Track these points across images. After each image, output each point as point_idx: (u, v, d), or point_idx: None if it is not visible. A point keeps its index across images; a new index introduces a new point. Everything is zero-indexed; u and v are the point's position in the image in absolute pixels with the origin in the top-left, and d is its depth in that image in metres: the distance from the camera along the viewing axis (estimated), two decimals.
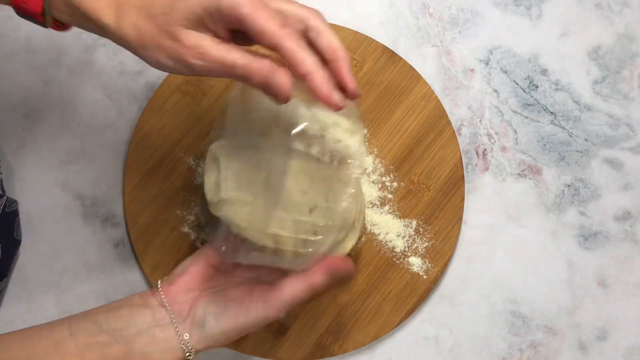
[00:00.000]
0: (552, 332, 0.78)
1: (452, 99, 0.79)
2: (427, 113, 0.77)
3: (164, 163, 0.77)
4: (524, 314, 0.78)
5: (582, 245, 0.78)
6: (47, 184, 0.78)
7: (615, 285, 0.78)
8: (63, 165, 0.78)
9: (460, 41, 0.79)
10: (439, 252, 0.77)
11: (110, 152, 0.78)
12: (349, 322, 0.76)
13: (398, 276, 0.77)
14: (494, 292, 0.78)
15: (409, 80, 0.77)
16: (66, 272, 0.77)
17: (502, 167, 0.79)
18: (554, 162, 0.79)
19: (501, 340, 0.78)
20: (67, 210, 0.78)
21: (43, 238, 0.78)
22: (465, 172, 0.78)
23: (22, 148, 0.78)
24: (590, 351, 0.78)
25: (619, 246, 0.78)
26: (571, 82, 0.79)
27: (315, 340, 0.76)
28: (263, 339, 0.76)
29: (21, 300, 0.77)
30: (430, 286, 0.77)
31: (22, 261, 0.78)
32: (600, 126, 0.79)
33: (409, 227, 0.77)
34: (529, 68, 0.79)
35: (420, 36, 0.79)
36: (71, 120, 0.78)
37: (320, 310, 0.76)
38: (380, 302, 0.76)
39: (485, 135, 0.79)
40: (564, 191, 0.79)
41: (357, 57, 0.77)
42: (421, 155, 0.77)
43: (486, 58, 0.79)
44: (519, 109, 0.79)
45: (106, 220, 0.78)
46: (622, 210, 0.79)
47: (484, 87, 0.79)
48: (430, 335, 0.78)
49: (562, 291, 0.78)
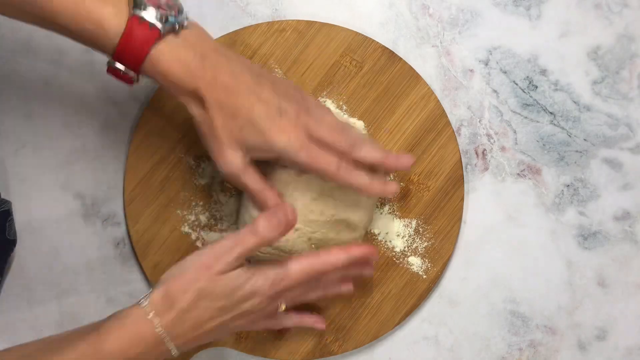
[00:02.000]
0: (552, 332, 0.78)
1: (452, 99, 0.79)
2: (426, 113, 0.77)
3: (164, 163, 0.77)
4: (523, 313, 0.78)
5: (581, 245, 0.78)
6: (48, 184, 0.78)
7: (614, 285, 0.78)
8: (64, 166, 0.78)
9: (459, 41, 0.79)
10: (439, 252, 0.77)
11: (111, 152, 0.78)
12: (349, 322, 0.77)
13: (398, 276, 0.77)
14: (493, 291, 0.78)
15: (409, 81, 0.77)
16: (67, 272, 0.77)
17: (501, 167, 0.79)
18: (553, 162, 0.79)
19: (501, 339, 0.78)
20: (67, 210, 0.78)
21: (44, 238, 0.78)
22: (465, 172, 0.78)
23: (23, 148, 0.78)
24: (589, 351, 0.78)
25: (619, 246, 0.78)
26: (570, 83, 0.79)
27: (315, 339, 0.76)
28: (263, 338, 0.76)
29: (22, 300, 0.77)
30: (429, 286, 0.77)
31: (23, 261, 0.78)
32: (600, 126, 0.79)
33: (408, 227, 0.77)
34: (529, 68, 0.79)
35: (420, 36, 0.79)
36: (72, 121, 0.79)
37: (320, 310, 0.76)
38: (380, 302, 0.76)
39: (484, 136, 0.79)
40: (563, 191, 0.79)
41: (357, 57, 0.77)
42: (421, 156, 0.77)
43: (486, 58, 0.79)
44: (518, 109, 0.79)
45: (107, 220, 0.78)
46: (621, 210, 0.79)
47: (484, 88, 0.79)
48: (430, 335, 0.78)
49: (561, 291, 0.78)
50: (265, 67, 0.77)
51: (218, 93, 0.64)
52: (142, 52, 0.62)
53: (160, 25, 0.62)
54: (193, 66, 0.63)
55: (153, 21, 0.62)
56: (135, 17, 0.61)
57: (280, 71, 0.77)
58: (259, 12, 0.79)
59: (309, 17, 0.78)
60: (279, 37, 0.77)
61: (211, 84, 0.63)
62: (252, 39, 0.77)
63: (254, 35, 0.77)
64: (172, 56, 0.63)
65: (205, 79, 0.63)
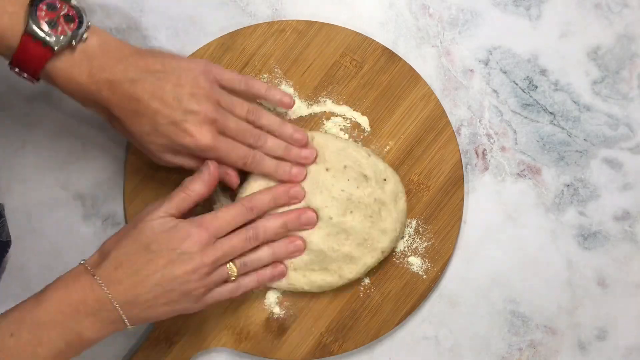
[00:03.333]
0: (552, 332, 0.78)
1: (452, 99, 0.79)
2: (426, 113, 0.77)
3: None
4: (523, 313, 0.78)
5: (581, 245, 0.78)
6: (48, 184, 0.78)
7: (614, 285, 0.78)
8: (64, 166, 0.78)
9: (459, 41, 0.79)
10: (439, 252, 0.77)
11: (111, 152, 0.78)
12: (349, 322, 0.77)
13: (398, 276, 0.77)
14: (493, 291, 0.78)
15: (409, 81, 0.77)
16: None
17: (501, 167, 0.79)
18: (553, 162, 0.79)
19: (501, 339, 0.78)
20: (67, 210, 0.78)
21: (44, 238, 0.78)
22: (465, 172, 0.78)
23: (23, 148, 0.78)
24: (589, 351, 0.78)
25: (618, 246, 0.78)
26: (570, 83, 0.79)
27: (315, 339, 0.76)
28: (263, 338, 0.76)
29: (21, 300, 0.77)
30: (429, 286, 0.77)
31: (23, 261, 0.78)
32: (600, 126, 0.79)
33: (408, 227, 0.77)
34: (529, 68, 0.79)
35: (420, 36, 0.79)
36: (72, 121, 0.79)
37: (320, 310, 0.76)
38: (380, 302, 0.76)
39: (484, 136, 0.79)
40: (563, 191, 0.79)
41: (357, 58, 0.77)
42: (421, 155, 0.77)
43: (486, 58, 0.79)
44: (518, 109, 0.79)
45: (107, 220, 0.78)
46: (621, 210, 0.79)
47: (484, 88, 0.79)
48: (430, 335, 0.78)
49: (561, 291, 0.78)
50: (265, 67, 0.77)
51: (121, 104, 0.65)
52: (37, 67, 0.63)
53: (54, 41, 0.62)
54: (87, 83, 0.64)
55: (47, 39, 0.61)
56: (29, 35, 0.61)
57: (280, 71, 0.77)
58: (259, 12, 0.79)
59: (309, 17, 0.78)
60: (279, 37, 0.77)
61: (110, 98, 0.65)
62: (252, 39, 0.77)
63: (254, 35, 0.77)
64: (65, 74, 0.63)
65: (102, 94, 0.64)
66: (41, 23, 0.61)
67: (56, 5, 0.62)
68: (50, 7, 0.62)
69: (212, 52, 0.77)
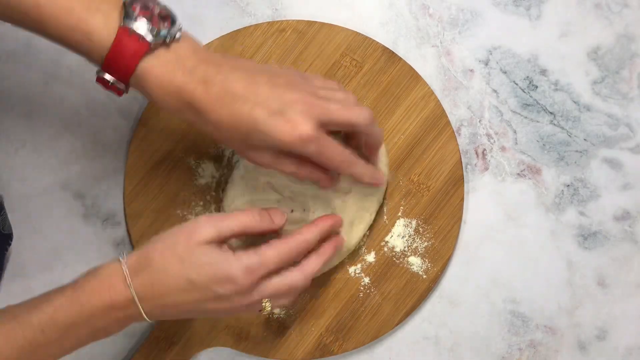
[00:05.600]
0: (552, 332, 0.78)
1: (452, 99, 0.79)
2: (426, 113, 0.77)
3: (164, 163, 0.77)
4: (523, 313, 0.78)
5: (581, 245, 0.78)
6: (48, 183, 0.78)
7: (614, 285, 0.78)
8: (64, 165, 0.79)
9: (459, 41, 0.79)
10: (439, 252, 0.77)
11: (111, 152, 0.78)
12: (349, 322, 0.77)
13: (398, 276, 0.77)
14: (493, 291, 0.78)
15: (409, 81, 0.77)
16: (67, 272, 0.77)
17: (501, 167, 0.79)
18: (553, 162, 0.79)
19: (501, 339, 0.78)
20: (67, 210, 0.78)
21: (44, 238, 0.78)
22: (465, 172, 0.78)
23: (23, 148, 0.78)
24: (589, 351, 0.78)
25: (619, 246, 0.78)
26: (570, 83, 0.79)
27: (315, 339, 0.76)
28: (263, 338, 0.76)
29: (21, 300, 0.77)
30: (429, 286, 0.77)
31: (23, 261, 0.78)
32: (600, 126, 0.79)
33: (408, 227, 0.77)
34: (529, 68, 0.79)
35: (420, 36, 0.79)
36: (72, 120, 0.79)
37: (320, 310, 0.77)
38: (380, 302, 0.77)
39: (484, 136, 0.79)
40: (563, 191, 0.79)
41: (357, 58, 0.77)
42: (421, 155, 0.77)
43: (486, 58, 0.79)
44: (518, 109, 0.79)
45: (107, 220, 0.79)
46: (621, 210, 0.79)
47: (484, 88, 0.79)
48: (430, 335, 0.78)
49: (561, 291, 0.78)
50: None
51: (213, 105, 0.62)
52: (131, 64, 0.61)
53: (151, 37, 0.61)
54: (182, 83, 0.62)
55: (143, 33, 0.61)
56: (125, 28, 0.61)
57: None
58: (259, 12, 0.79)
59: (309, 17, 0.78)
60: (279, 37, 0.77)
61: (203, 98, 0.62)
62: (252, 39, 0.77)
63: (254, 35, 0.77)
64: (160, 72, 0.62)
65: (195, 93, 0.62)
66: (137, 18, 0.61)
67: (149, 5, 0.62)
68: (143, 7, 0.62)
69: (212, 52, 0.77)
